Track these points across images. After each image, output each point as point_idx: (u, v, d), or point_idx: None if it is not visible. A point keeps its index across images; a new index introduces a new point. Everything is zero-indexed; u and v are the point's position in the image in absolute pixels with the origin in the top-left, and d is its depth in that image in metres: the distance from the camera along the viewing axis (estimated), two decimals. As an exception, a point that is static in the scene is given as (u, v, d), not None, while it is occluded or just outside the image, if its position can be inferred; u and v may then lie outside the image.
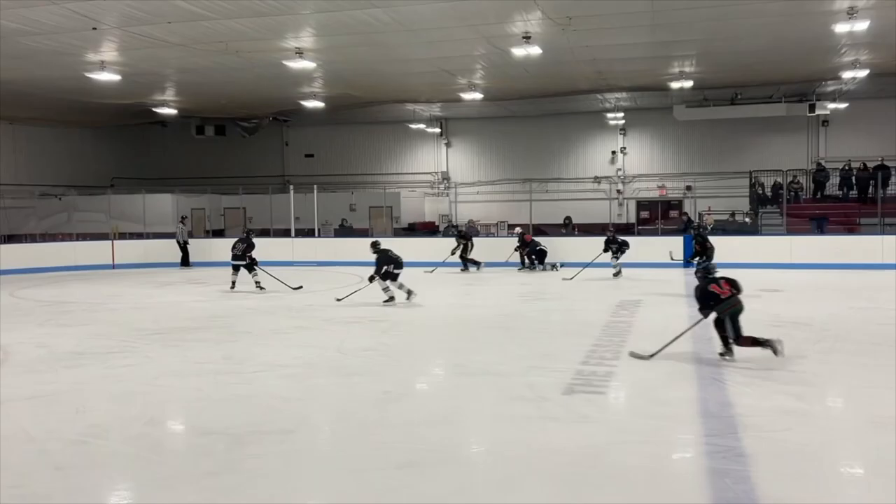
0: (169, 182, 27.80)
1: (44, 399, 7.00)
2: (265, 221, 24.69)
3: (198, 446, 5.60)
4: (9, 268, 19.79)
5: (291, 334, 10.51)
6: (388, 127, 27.91)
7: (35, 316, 12.52)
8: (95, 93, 19.09)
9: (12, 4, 11.18)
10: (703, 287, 8.31)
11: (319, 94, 20.42)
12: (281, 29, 13.25)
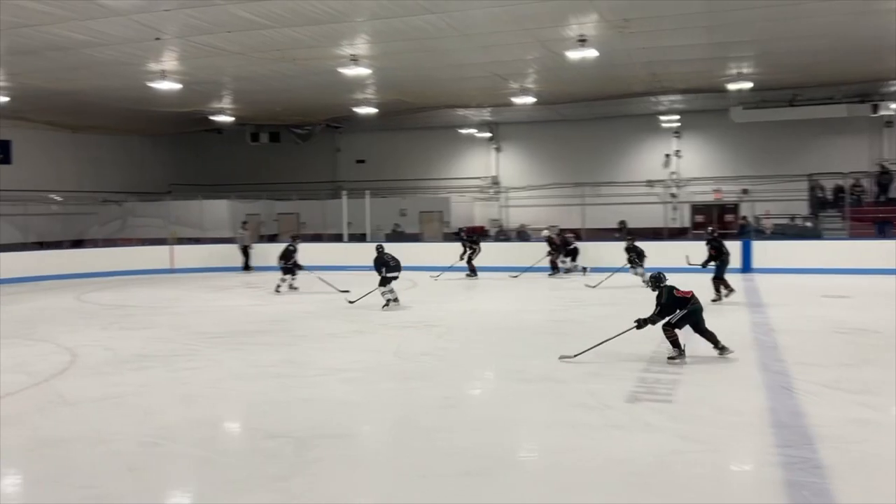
0: (224, 188, 28.32)
1: (112, 401, 7.17)
2: (318, 226, 24.97)
3: (265, 450, 5.67)
4: (74, 272, 20.39)
5: (349, 338, 10.58)
6: (439, 132, 27.99)
7: (100, 319, 12.87)
8: (155, 101, 19.58)
9: (81, 17, 11.55)
10: (669, 292, 8.56)
11: (372, 100, 20.59)
12: (336, 36, 13.39)
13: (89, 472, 5.23)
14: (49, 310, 14.14)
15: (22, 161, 23.67)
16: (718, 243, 13.63)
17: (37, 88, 17.60)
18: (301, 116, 24.83)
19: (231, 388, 7.64)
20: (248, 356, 9.30)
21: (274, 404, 6.99)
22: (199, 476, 5.16)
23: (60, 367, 8.68)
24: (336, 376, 8.15)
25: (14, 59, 14.77)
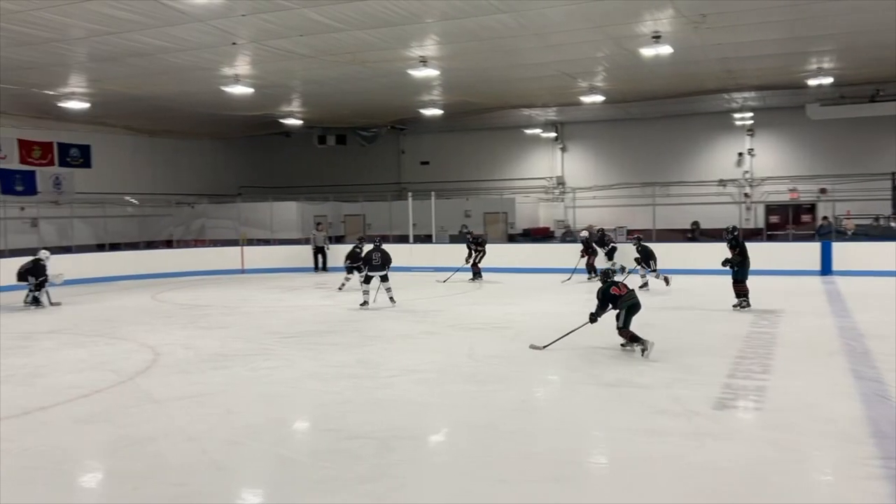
0: (292, 190, 28.80)
1: (196, 399, 7.30)
2: (383, 228, 25.13)
3: (348, 450, 5.66)
4: (149, 272, 21.01)
5: (420, 339, 10.58)
6: (503, 132, 27.84)
7: (177, 318, 13.19)
8: (228, 105, 20.02)
9: (162, 23, 11.87)
10: (606, 289, 9.17)
11: (438, 101, 20.62)
12: (406, 38, 13.42)
13: (179, 469, 5.31)
14: (127, 309, 14.57)
15: (100, 165, 24.52)
16: (739, 243, 12.77)
17: (116, 94, 18.19)
18: (367, 119, 25.05)
19: (308, 388, 7.69)
20: (322, 356, 9.38)
21: (351, 404, 7.00)
22: (284, 476, 5.18)
23: (144, 366, 8.90)
24: (409, 377, 8.13)
25: (96, 65, 15.29)
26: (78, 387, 7.84)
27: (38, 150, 22.67)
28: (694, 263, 18.74)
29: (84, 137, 23.81)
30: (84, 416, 6.73)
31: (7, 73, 15.63)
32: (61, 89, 17.75)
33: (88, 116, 21.32)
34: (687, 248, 20.16)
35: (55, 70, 15.73)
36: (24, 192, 22.07)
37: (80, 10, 11.10)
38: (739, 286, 12.52)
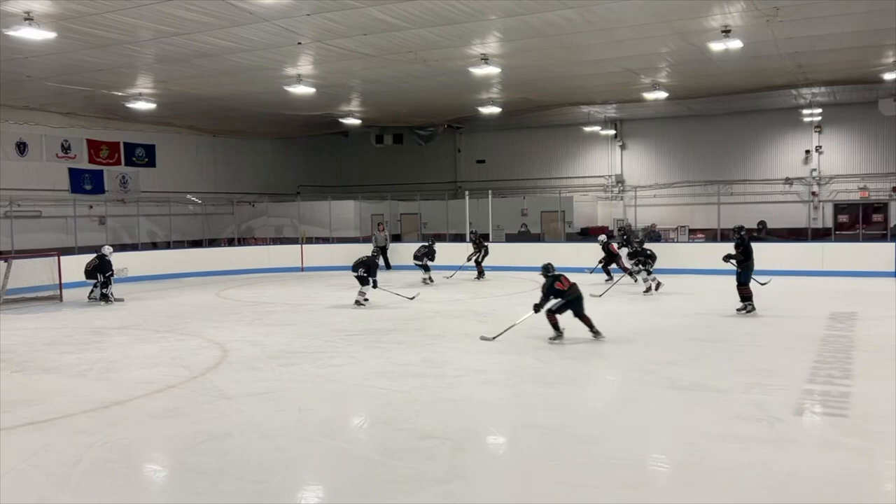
0: (350, 189, 29.06)
1: (268, 395, 7.36)
2: (440, 226, 25.13)
3: (422, 450, 5.62)
4: (211, 269, 21.40)
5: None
6: (561, 130, 27.56)
7: (242, 315, 13.37)
8: (290, 105, 20.25)
9: (229, 24, 12.03)
10: (550, 284, 10.01)
11: (497, 99, 20.48)
12: (468, 35, 13.33)
13: (256, 467, 5.33)
14: (194, 305, 14.85)
15: (165, 164, 25.09)
16: (744, 243, 12.28)
17: (181, 95, 18.56)
18: (424, 118, 25.06)
19: (376, 387, 7.68)
20: (387, 354, 9.37)
21: (422, 404, 6.96)
22: (361, 475, 5.16)
23: (214, 362, 9.03)
24: (477, 377, 8.06)
25: (163, 66, 15.61)
26: (151, 382, 7.99)
27: (106, 149, 23.30)
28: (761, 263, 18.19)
29: (149, 137, 24.39)
30: (159, 411, 6.84)
31: (79, 76, 16.08)
32: (129, 90, 18.18)
33: (154, 117, 21.82)
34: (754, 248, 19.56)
35: (124, 72, 16.10)
36: (93, 190, 22.72)
37: (150, 11, 11.31)
38: (743, 289, 12.13)
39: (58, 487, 5.01)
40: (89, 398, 7.31)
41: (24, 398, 7.38)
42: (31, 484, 5.09)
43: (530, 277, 18.53)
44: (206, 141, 26.61)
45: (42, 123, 21.08)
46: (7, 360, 9.43)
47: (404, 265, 21.17)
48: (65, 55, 13.96)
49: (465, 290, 16.75)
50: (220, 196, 26.68)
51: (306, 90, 17.16)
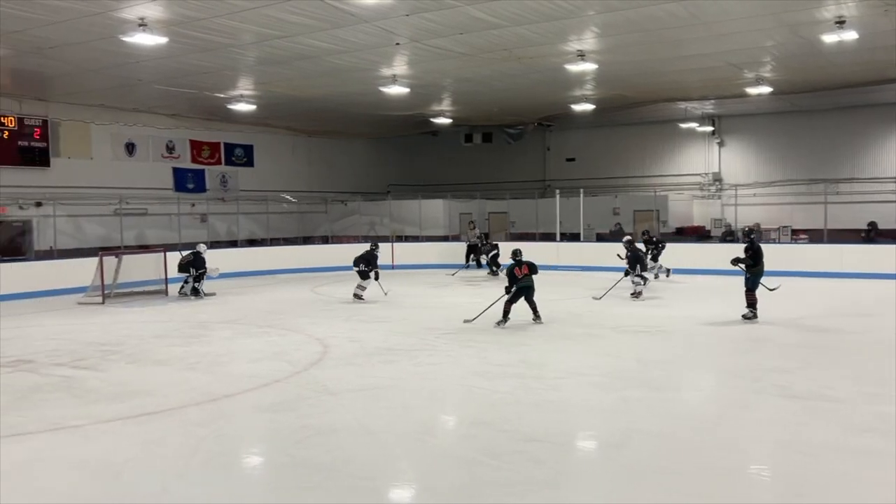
0: (439, 188, 29.17)
1: (369, 392, 7.43)
2: (528, 225, 24.92)
3: (527, 453, 5.53)
4: (306, 266, 21.90)
5: (581, 341, 10.30)
6: (655, 127, 26.84)
7: (338, 312, 13.60)
8: (383, 106, 20.51)
9: (330, 26, 12.27)
10: (511, 268, 11.53)
11: (590, 96, 20.14)
12: (565, 32, 13.15)
13: (364, 464, 5.38)
14: (291, 302, 15.22)
15: (262, 164, 25.87)
16: (754, 246, 11.66)
17: (280, 96, 19.07)
18: (515, 116, 24.91)
19: (476, 386, 7.64)
20: (483, 354, 9.33)
21: (524, 405, 6.88)
22: (468, 477, 5.12)
23: (315, 357, 9.20)
24: (578, 380, 7.92)
25: (263, 68, 16.07)
26: (257, 376, 8.21)
27: (207, 149, 24.19)
28: (872, 266, 17.32)
29: (248, 138, 25.19)
30: (267, 404, 7.01)
31: (185, 79, 16.74)
32: (231, 92, 18.81)
33: (253, 118, 22.51)
34: (863, 250, 18.60)
35: (226, 74, 16.67)
36: (195, 189, 23.63)
37: (255, 15, 11.64)
38: (750, 294, 11.66)
39: (177, 478, 5.18)
40: (200, 391, 7.57)
41: (138, 389, 7.71)
42: (152, 473, 5.28)
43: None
44: (302, 141, 27.28)
45: (149, 125, 22.08)
46: (120, 351, 9.88)
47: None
48: (173, 59, 14.55)
49: (557, 290, 16.52)
50: (314, 195, 27.31)
51: (401, 90, 17.34)
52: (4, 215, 18.84)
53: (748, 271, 11.63)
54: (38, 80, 16.66)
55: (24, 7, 10.88)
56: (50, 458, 5.69)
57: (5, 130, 18.58)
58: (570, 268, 21.15)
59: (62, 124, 19.97)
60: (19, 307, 14.69)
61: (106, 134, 21.16)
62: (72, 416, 6.70)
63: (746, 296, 11.66)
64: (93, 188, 20.26)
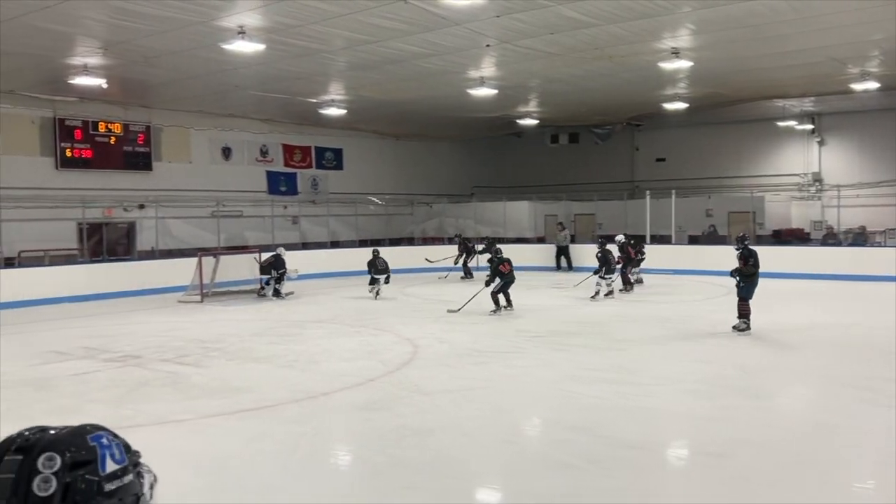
0: (524, 189, 29.03)
1: (462, 393, 7.44)
2: (616, 227, 24.46)
3: (627, 459, 5.42)
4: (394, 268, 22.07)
5: (675, 346, 10.04)
6: (750, 125, 25.86)
7: (426, 313, 13.69)
8: (470, 108, 20.55)
9: (420, 30, 12.38)
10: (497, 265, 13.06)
11: (683, 95, 19.60)
12: (659, 29, 12.84)
13: (462, 464, 5.38)
14: (380, 302, 15.42)
15: (351, 167, 26.36)
16: (752, 253, 10.73)
17: (369, 100, 19.38)
18: (603, 116, 24.53)
19: (571, 391, 7.54)
20: (575, 358, 9.22)
21: (619, 411, 6.74)
22: (567, 481, 5.05)
23: (407, 357, 9.29)
24: (675, 386, 7.70)
25: (354, 73, 16.35)
26: (351, 375, 8.34)
27: (299, 153, 24.83)
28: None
29: (337, 142, 25.72)
30: (363, 403, 7.11)
31: (279, 84, 17.22)
32: (322, 97, 19.24)
33: (342, 122, 22.95)
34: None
35: (318, 79, 17.06)
36: (287, 192, 24.29)
37: (348, 21, 11.85)
38: (743, 305, 10.71)
39: (279, 474, 5.31)
40: (298, 388, 7.75)
41: (239, 385, 7.96)
42: (255, 468, 5.43)
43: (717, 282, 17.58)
44: (389, 144, 27.65)
45: (245, 130, 22.83)
46: (220, 349, 10.23)
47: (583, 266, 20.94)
48: (268, 65, 14.98)
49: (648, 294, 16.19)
50: (400, 197, 27.64)
51: (488, 92, 17.33)
52: (110, 217, 19.84)
53: (744, 280, 10.75)
54: (142, 87, 17.47)
55: (132, 18, 11.41)
56: (159, 450, 5.85)
57: (112, 136, 19.57)
58: (660, 271, 20.62)
59: (164, 130, 20.88)
60: (124, 304, 15.44)
61: (204, 139, 22.01)
62: (178, 410, 6.98)
63: (739, 306, 10.76)
64: (191, 191, 21.09)
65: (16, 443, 1.12)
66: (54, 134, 18.42)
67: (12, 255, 16.93)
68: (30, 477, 1.07)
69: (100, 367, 9.05)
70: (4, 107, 17.45)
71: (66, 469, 1.09)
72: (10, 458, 1.09)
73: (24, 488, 1.07)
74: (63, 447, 1.11)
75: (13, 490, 1.06)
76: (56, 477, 1.08)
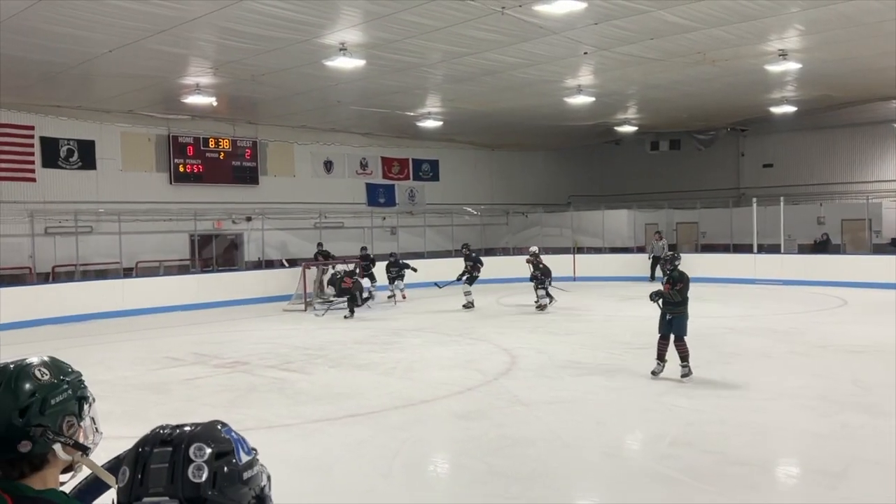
0: (623, 198, 28.49)
1: (562, 405, 7.36)
2: (720, 236, 23.68)
3: (735, 477, 5.21)
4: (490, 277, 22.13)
5: (786, 360, 9.60)
6: (863, 128, 24.47)
7: (523, 323, 13.64)
8: (566, 116, 20.41)
9: (518, 40, 12.38)
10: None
11: (792, 98, 18.79)
12: (765, 31, 12.38)
13: (562, 476, 5.33)
14: (477, 311, 15.47)
15: (447, 178, 26.62)
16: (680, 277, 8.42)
17: (465, 112, 19.54)
18: (705, 121, 23.82)
19: (674, 404, 7.32)
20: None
21: (726, 426, 6.50)
22: (671, 495, 4.92)
23: (504, 367, 9.28)
24: (787, 402, 7.37)
25: (451, 85, 16.53)
26: (450, 383, 8.40)
27: (397, 166, 25.29)
28: None
29: (434, 153, 26.05)
30: (462, 412, 7.14)
31: (378, 98, 17.61)
32: (419, 110, 19.55)
33: (438, 134, 23.24)
34: None
35: (416, 92, 17.35)
36: (386, 203, 24.77)
37: (446, 34, 12.00)
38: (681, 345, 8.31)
39: (382, 479, 5.41)
40: (399, 395, 7.87)
41: (342, 392, 8.16)
42: (359, 473, 5.55)
43: (830, 292, 16.73)
44: (484, 155, 27.78)
45: (345, 144, 23.47)
46: (323, 356, 10.52)
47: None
48: (368, 80, 15.35)
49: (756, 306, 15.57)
50: (495, 207, 27.68)
51: (585, 100, 17.15)
52: (220, 229, 20.78)
53: (672, 311, 8.35)
54: (249, 104, 18.25)
55: (241, 39, 11.95)
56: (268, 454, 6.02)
57: (221, 152, 20.51)
58: (769, 281, 19.82)
59: (269, 145, 21.72)
60: (233, 313, 16.10)
61: (307, 153, 22.76)
62: (284, 415, 7.22)
63: (678, 347, 8.34)
64: (295, 203, 21.82)
65: (160, 437, 1.22)
66: (168, 150, 19.48)
67: (130, 265, 17.97)
68: (184, 465, 1.17)
69: (210, 372, 9.49)
70: (124, 126, 18.62)
71: (213, 458, 1.19)
72: (160, 450, 1.20)
73: (181, 475, 1.17)
74: (207, 439, 1.21)
75: (170, 477, 1.17)
76: (207, 465, 1.18)
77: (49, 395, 1.46)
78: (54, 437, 1.45)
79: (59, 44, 11.72)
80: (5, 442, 1.42)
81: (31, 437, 1.43)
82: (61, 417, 1.47)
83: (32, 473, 1.46)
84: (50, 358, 1.54)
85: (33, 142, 17.17)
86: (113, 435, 5.42)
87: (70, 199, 17.53)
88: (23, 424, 1.42)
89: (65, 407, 1.48)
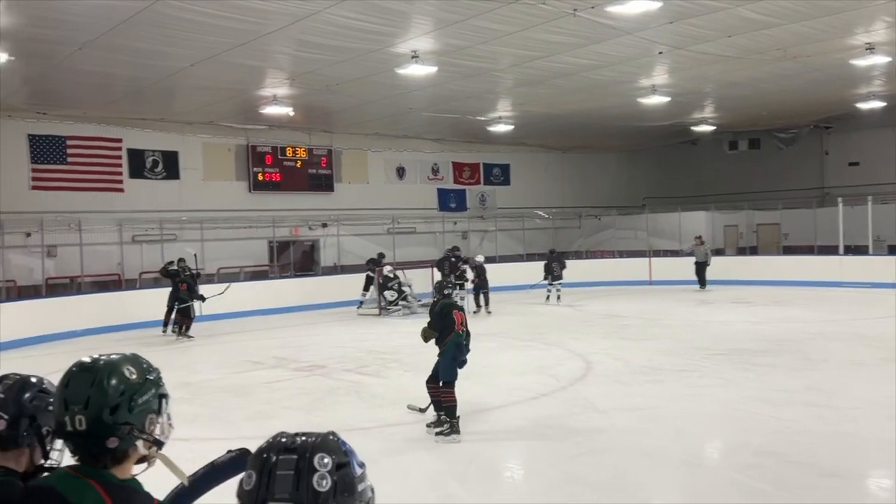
0: (700, 199, 27.78)
1: (639, 412, 7.23)
2: (804, 238, 22.84)
3: (826, 489, 5.02)
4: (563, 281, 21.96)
5: (879, 367, 9.16)
6: (959, 123, 23.27)
7: (597, 328, 13.47)
8: (640, 117, 20.06)
9: (589, 42, 12.23)
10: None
11: (880, 93, 17.96)
12: (850, 24, 11.89)
13: (642, 486, 5.25)
14: (550, 316, 15.38)
15: (517, 182, 26.53)
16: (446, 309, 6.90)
17: (536, 115, 19.44)
18: (786, 119, 23.02)
19: (757, 413, 7.10)
20: (762, 378, 8.67)
21: (814, 436, 6.27)
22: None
23: (579, 373, 9.18)
24: (879, 411, 7.03)
25: (522, 89, 16.48)
26: (524, 389, 8.37)
27: (468, 170, 25.36)
28: None
29: (504, 158, 26.02)
30: (537, 417, 7.11)
31: (449, 104, 17.70)
32: (490, 115, 19.56)
33: (509, 138, 23.18)
34: None
35: (487, 97, 17.36)
36: (457, 208, 24.87)
37: (517, 38, 11.97)
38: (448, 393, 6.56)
39: (458, 484, 5.43)
40: (472, 400, 7.83)
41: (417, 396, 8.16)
42: (436, 477, 5.60)
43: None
44: (556, 158, 27.56)
45: (417, 150, 23.69)
46: (397, 360, 10.63)
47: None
48: (439, 87, 15.45)
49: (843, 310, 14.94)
50: (567, 210, 27.42)
51: (660, 100, 16.83)
52: (297, 236, 21.26)
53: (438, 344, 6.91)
54: (324, 113, 18.62)
55: (316, 50, 12.21)
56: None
57: (298, 161, 21.00)
58: (857, 284, 18.98)
59: (344, 153, 22.10)
60: (309, 317, 16.45)
61: (380, 160, 23.07)
62: (362, 418, 7.33)
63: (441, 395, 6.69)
64: (369, 209, 22.16)
65: (283, 444, 1.28)
66: (247, 160, 20.06)
67: (212, 271, 18.57)
68: (309, 473, 1.23)
69: (290, 375, 9.72)
70: (205, 136, 19.28)
71: (335, 468, 1.25)
72: (286, 457, 1.25)
73: (306, 483, 1.22)
74: (329, 449, 1.27)
75: (295, 484, 1.23)
76: (329, 475, 1.24)
77: (136, 393, 1.55)
78: (139, 434, 1.53)
79: (145, 59, 12.23)
80: (95, 438, 1.51)
81: (119, 434, 1.51)
82: (145, 415, 1.55)
83: (114, 465, 1.55)
84: (133, 355, 1.62)
85: (121, 154, 17.99)
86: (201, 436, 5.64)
87: (155, 208, 18.27)
88: (112, 422, 1.51)
89: (149, 405, 1.57)
